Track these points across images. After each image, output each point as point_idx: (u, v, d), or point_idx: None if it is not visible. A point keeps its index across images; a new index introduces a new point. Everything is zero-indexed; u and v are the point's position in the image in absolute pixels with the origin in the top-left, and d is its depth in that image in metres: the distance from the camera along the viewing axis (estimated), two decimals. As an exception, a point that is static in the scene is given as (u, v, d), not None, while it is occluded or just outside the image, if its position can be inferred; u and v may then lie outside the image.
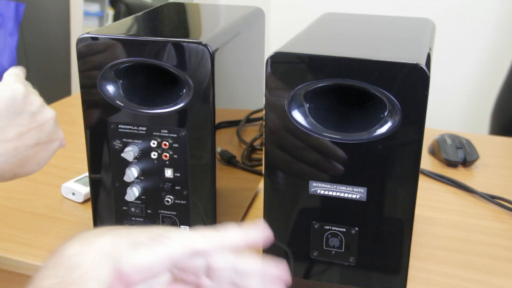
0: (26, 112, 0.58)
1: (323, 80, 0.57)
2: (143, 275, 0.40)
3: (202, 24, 0.77)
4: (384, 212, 0.60)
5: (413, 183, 0.59)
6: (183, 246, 0.41)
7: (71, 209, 0.86)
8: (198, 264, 0.43)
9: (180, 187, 0.67)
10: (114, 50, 0.63)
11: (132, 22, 0.72)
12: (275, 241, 0.64)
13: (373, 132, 0.58)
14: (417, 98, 0.55)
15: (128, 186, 0.68)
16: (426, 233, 0.82)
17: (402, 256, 0.62)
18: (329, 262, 0.64)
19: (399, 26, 0.73)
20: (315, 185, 0.61)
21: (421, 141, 0.57)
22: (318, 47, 0.62)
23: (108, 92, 0.65)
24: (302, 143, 0.60)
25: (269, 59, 0.58)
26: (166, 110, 0.64)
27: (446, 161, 1.02)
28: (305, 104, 0.59)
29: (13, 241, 0.78)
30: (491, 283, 0.71)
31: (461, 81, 2.27)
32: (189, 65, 0.61)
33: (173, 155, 0.65)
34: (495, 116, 1.59)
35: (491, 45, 2.19)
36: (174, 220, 0.68)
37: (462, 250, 0.78)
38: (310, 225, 0.63)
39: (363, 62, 0.55)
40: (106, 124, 0.66)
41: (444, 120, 2.25)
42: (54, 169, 0.99)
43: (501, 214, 0.88)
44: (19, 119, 0.58)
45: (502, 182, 0.98)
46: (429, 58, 0.57)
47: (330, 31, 0.72)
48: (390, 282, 0.63)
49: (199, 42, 0.61)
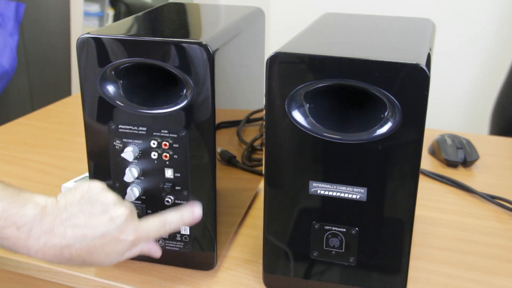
0: (99, 203, 0.60)
1: (323, 80, 0.57)
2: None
3: (202, 24, 0.77)
4: (384, 212, 0.60)
5: (413, 183, 0.59)
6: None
7: (71, 209, 0.86)
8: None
9: (180, 187, 0.67)
10: (114, 50, 0.63)
11: (132, 22, 0.72)
12: (275, 239, 0.64)
13: (373, 132, 0.58)
14: (417, 98, 0.55)
15: (128, 186, 0.68)
16: (426, 233, 0.82)
17: (402, 256, 0.62)
18: (329, 262, 0.64)
19: (399, 26, 0.73)
20: (315, 185, 0.61)
21: (421, 141, 0.57)
22: (318, 47, 0.62)
23: (108, 92, 0.65)
24: (302, 143, 0.60)
25: (269, 59, 0.58)
26: (166, 110, 0.64)
27: (446, 161, 1.03)
28: (305, 104, 0.59)
29: (13, 241, 0.78)
30: (491, 283, 0.71)
31: (461, 81, 2.27)
32: (189, 65, 0.61)
33: (173, 155, 0.65)
34: (495, 116, 1.59)
35: (491, 45, 2.19)
36: (174, 220, 0.68)
37: (462, 250, 0.78)
38: (310, 225, 0.63)
39: (363, 62, 0.55)
40: (106, 124, 0.66)
41: (444, 120, 2.25)
42: (54, 169, 0.99)
43: (501, 214, 0.88)
44: (91, 208, 0.59)
45: (502, 182, 0.98)
46: (429, 58, 0.57)
47: (330, 31, 0.72)
48: (390, 282, 0.63)
49: (199, 42, 0.61)
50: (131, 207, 0.61)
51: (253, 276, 0.71)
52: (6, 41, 1.71)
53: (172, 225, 0.63)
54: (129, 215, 0.60)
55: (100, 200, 0.60)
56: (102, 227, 0.58)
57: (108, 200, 0.60)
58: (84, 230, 0.58)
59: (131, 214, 0.61)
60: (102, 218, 0.59)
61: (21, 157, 1.04)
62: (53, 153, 1.06)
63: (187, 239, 0.69)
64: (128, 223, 0.60)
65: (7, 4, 1.74)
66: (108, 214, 0.59)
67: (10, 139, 1.12)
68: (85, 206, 0.59)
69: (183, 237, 0.69)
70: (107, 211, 0.59)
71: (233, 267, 0.73)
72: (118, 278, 0.70)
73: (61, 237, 0.57)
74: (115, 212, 0.59)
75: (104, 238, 0.58)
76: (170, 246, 0.70)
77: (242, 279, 0.71)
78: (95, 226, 0.58)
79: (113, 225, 0.59)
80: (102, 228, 0.58)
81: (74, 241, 0.57)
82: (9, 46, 1.71)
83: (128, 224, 0.60)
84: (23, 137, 1.12)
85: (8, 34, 1.73)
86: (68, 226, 0.57)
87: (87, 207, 0.59)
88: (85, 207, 0.59)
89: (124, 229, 0.59)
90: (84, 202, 0.59)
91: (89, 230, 0.58)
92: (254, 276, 0.71)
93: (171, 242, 0.70)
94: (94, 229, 0.58)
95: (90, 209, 0.59)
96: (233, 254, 0.76)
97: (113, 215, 0.59)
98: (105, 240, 0.58)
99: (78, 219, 0.58)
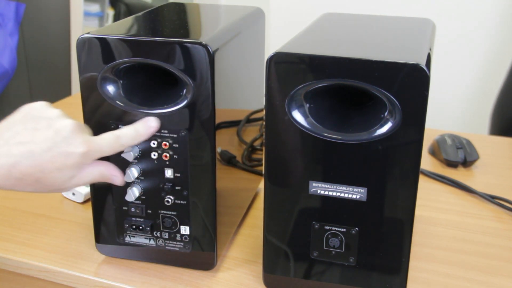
0: (43, 118, 0.59)
1: (323, 80, 0.57)
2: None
3: (202, 24, 0.77)
4: (384, 212, 0.60)
5: (413, 183, 0.59)
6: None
7: (71, 209, 0.87)
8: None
9: (180, 187, 0.67)
10: (114, 50, 0.63)
11: (132, 22, 0.72)
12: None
13: (373, 132, 0.58)
14: (417, 98, 0.55)
15: (128, 186, 0.68)
16: (426, 233, 0.82)
17: (402, 256, 0.62)
18: (329, 262, 0.64)
19: (399, 26, 0.73)
20: (315, 185, 0.61)
21: (421, 141, 0.57)
22: (318, 47, 0.62)
23: (108, 92, 0.65)
24: (302, 143, 0.60)
25: (269, 59, 0.58)
26: (166, 110, 0.64)
27: (446, 161, 1.03)
28: (305, 104, 0.59)
29: (13, 241, 0.78)
30: (491, 283, 0.71)
31: (461, 81, 2.27)
32: (189, 65, 0.61)
33: (173, 155, 0.65)
34: (495, 116, 1.59)
35: (491, 45, 2.19)
36: (174, 220, 0.68)
37: (462, 250, 0.78)
38: (310, 225, 0.63)
39: (363, 62, 0.55)
40: (106, 124, 0.66)
41: (444, 120, 2.25)
42: (54, 169, 0.99)
43: (501, 214, 0.88)
44: (35, 124, 0.58)
45: (502, 182, 0.98)
46: (429, 58, 0.57)
47: (330, 31, 0.72)
48: (390, 282, 0.63)
49: (199, 42, 0.61)
50: (79, 122, 0.61)
51: (253, 276, 0.71)
52: (6, 41, 1.71)
53: (127, 139, 0.62)
54: (76, 127, 0.59)
55: (43, 116, 0.59)
56: (49, 140, 0.57)
57: (52, 114, 0.59)
58: (30, 146, 0.56)
59: (78, 126, 0.60)
60: (48, 132, 0.58)
61: (21, 157, 1.04)
62: (53, 153, 1.06)
63: (187, 239, 0.69)
64: (76, 135, 0.59)
65: (7, 4, 1.74)
66: (53, 127, 0.58)
67: (10, 139, 1.12)
68: (28, 123, 0.58)
69: (183, 237, 0.69)
70: (51, 124, 0.58)
71: (233, 267, 0.73)
72: (118, 278, 0.71)
73: (7, 156, 0.56)
74: (60, 124, 0.58)
75: (52, 151, 0.57)
76: (170, 246, 0.70)
77: (242, 279, 0.71)
78: (41, 140, 0.57)
79: (59, 137, 0.58)
80: (48, 141, 0.57)
81: (21, 158, 0.56)
82: (9, 46, 1.71)
83: (76, 136, 0.59)
84: (23, 137, 1.12)
85: (8, 34, 1.73)
86: (12, 144, 0.56)
87: (31, 123, 0.58)
88: (28, 124, 0.58)
89: (71, 140, 0.58)
90: (26, 119, 0.58)
91: (36, 145, 0.57)
92: (254, 276, 0.71)
93: (171, 242, 0.70)
94: (41, 144, 0.57)
95: (34, 125, 0.58)
96: (233, 254, 0.76)
97: (58, 127, 0.58)
98: (53, 153, 0.57)
99: (22, 136, 0.57)
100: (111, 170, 0.64)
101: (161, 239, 0.70)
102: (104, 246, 0.73)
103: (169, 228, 0.69)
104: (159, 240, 0.70)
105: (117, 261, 0.73)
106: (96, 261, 0.74)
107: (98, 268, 0.72)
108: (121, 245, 0.72)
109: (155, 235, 0.70)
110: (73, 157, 0.58)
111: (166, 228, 0.69)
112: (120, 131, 0.62)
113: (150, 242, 0.71)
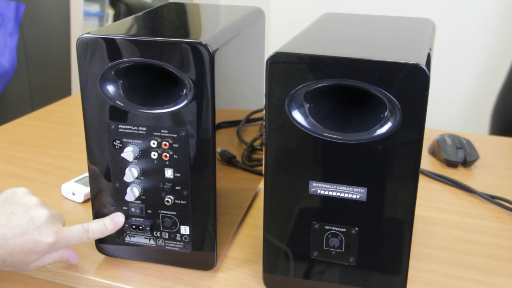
0: (22, 204, 0.63)
1: (323, 80, 0.57)
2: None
3: (202, 24, 0.77)
4: (384, 212, 0.60)
5: (413, 183, 0.59)
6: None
7: (71, 209, 0.87)
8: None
9: (180, 187, 0.67)
10: (114, 50, 0.63)
11: (132, 22, 0.72)
12: (274, 240, 0.64)
13: (373, 132, 0.58)
14: (417, 98, 0.55)
15: (128, 186, 0.68)
16: (426, 233, 0.82)
17: (402, 256, 0.62)
18: (329, 262, 0.64)
19: (399, 26, 0.73)
20: (315, 185, 0.61)
21: (421, 141, 0.57)
22: (318, 47, 0.62)
23: (108, 92, 0.65)
24: (302, 143, 0.60)
25: (269, 59, 0.58)
26: (166, 110, 0.64)
27: (446, 161, 1.03)
28: (305, 104, 0.59)
29: (13, 241, 0.78)
30: (491, 283, 0.71)
31: (461, 81, 2.27)
32: (189, 65, 0.61)
33: (173, 155, 0.65)
34: (495, 116, 1.59)
35: (491, 45, 2.19)
36: (174, 220, 0.68)
37: (462, 250, 0.78)
38: (310, 225, 0.63)
39: (363, 62, 0.55)
40: (106, 124, 0.66)
41: (444, 120, 2.25)
42: (54, 169, 0.99)
43: (501, 214, 0.88)
44: (13, 209, 0.62)
45: (502, 182, 0.98)
46: (429, 58, 0.57)
47: (330, 31, 0.72)
48: (390, 282, 0.63)
49: (199, 42, 0.61)
50: (55, 211, 0.65)
51: (253, 276, 0.71)
52: (6, 41, 1.71)
53: (94, 232, 0.68)
54: (50, 217, 0.63)
55: (22, 202, 0.63)
56: (22, 226, 0.61)
57: (30, 202, 0.64)
58: (4, 229, 0.60)
59: (52, 217, 0.64)
60: (23, 218, 0.62)
61: (21, 157, 1.04)
62: (53, 153, 1.06)
63: (187, 239, 0.69)
64: (49, 225, 0.63)
65: (7, 4, 1.74)
66: (28, 214, 0.62)
67: (10, 139, 1.12)
68: (7, 207, 0.62)
69: (183, 237, 0.69)
70: (28, 212, 0.62)
71: (233, 267, 0.73)
72: (118, 278, 0.71)
73: None
74: (35, 213, 0.62)
75: (23, 237, 0.61)
76: (170, 246, 0.70)
77: (242, 279, 0.71)
78: (15, 225, 0.61)
79: (33, 225, 0.62)
80: (22, 228, 0.61)
81: None
82: (9, 46, 1.71)
83: (49, 226, 0.63)
84: (23, 137, 1.12)
85: (8, 34, 1.73)
86: None
87: (9, 208, 0.62)
88: (7, 208, 0.62)
89: (43, 230, 0.62)
90: (7, 203, 0.62)
91: (9, 230, 0.60)
92: (254, 276, 0.71)
93: (171, 242, 0.70)
94: (14, 228, 0.61)
95: (12, 210, 0.62)
96: (233, 254, 0.76)
97: (33, 216, 0.62)
98: (24, 239, 0.61)
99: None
100: (70, 253, 0.69)
101: (161, 239, 0.70)
102: (104, 246, 0.73)
103: (169, 228, 0.69)
104: (159, 240, 0.70)
105: (117, 261, 0.73)
106: (96, 261, 0.74)
107: (98, 268, 0.72)
108: (121, 245, 0.72)
109: (155, 235, 0.70)
110: (41, 245, 0.62)
111: (166, 228, 0.69)
112: (88, 224, 0.67)
113: (150, 242, 0.71)
